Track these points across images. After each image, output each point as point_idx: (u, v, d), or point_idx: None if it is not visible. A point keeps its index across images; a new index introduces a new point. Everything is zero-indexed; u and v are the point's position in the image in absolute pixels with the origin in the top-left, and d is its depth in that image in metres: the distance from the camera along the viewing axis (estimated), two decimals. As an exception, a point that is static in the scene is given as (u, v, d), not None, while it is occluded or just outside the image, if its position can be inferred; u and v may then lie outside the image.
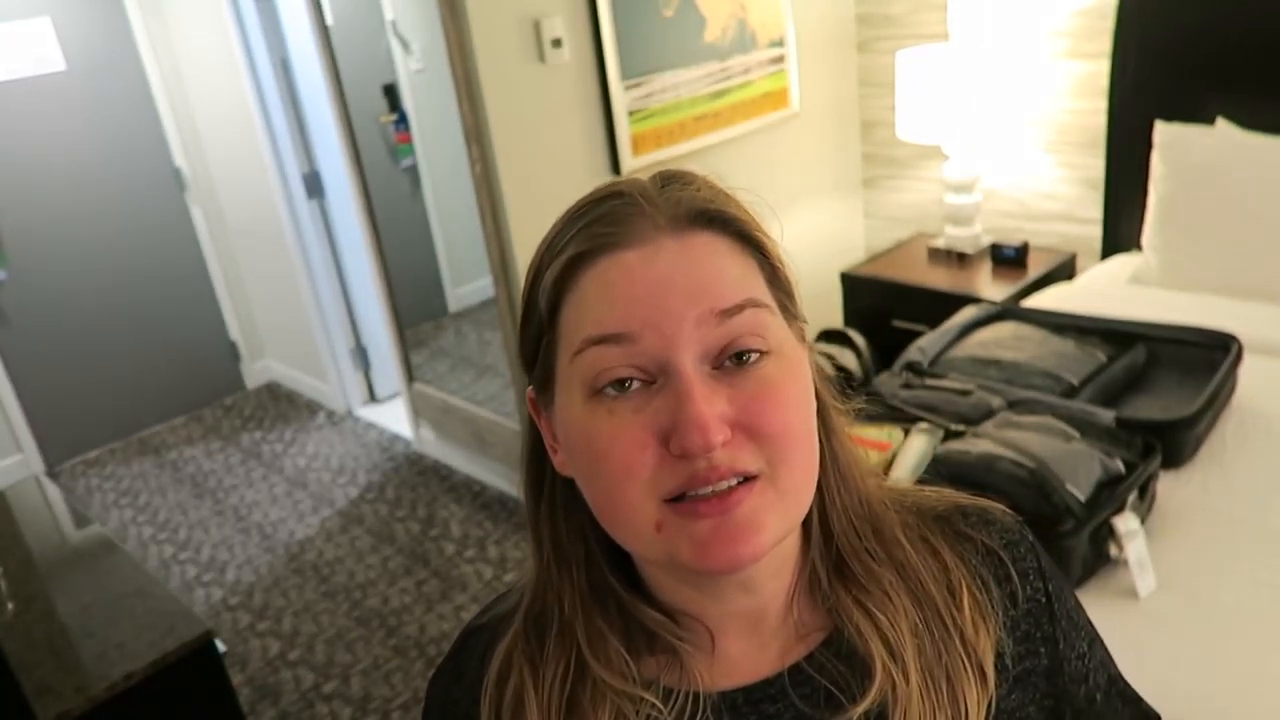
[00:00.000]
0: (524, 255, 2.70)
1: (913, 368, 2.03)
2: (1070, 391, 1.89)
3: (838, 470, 0.63)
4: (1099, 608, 1.42)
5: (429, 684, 0.72)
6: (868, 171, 3.59)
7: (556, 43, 2.60)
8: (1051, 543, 1.44)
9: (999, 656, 0.64)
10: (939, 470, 1.60)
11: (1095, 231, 2.95)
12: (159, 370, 4.28)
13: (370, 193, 3.48)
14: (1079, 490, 1.48)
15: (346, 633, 2.76)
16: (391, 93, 4.43)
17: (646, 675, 0.61)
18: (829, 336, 3.06)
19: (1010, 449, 1.55)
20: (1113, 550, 1.46)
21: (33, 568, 2.07)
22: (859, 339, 2.99)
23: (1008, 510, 0.70)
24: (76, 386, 4.06)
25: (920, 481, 1.61)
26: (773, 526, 0.55)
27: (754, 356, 0.55)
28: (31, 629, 1.82)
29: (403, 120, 4.49)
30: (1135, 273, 2.54)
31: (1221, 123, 2.44)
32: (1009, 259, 2.98)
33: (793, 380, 0.57)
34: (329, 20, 3.27)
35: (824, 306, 3.52)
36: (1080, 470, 1.52)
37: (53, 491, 2.47)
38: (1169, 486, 1.67)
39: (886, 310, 3.02)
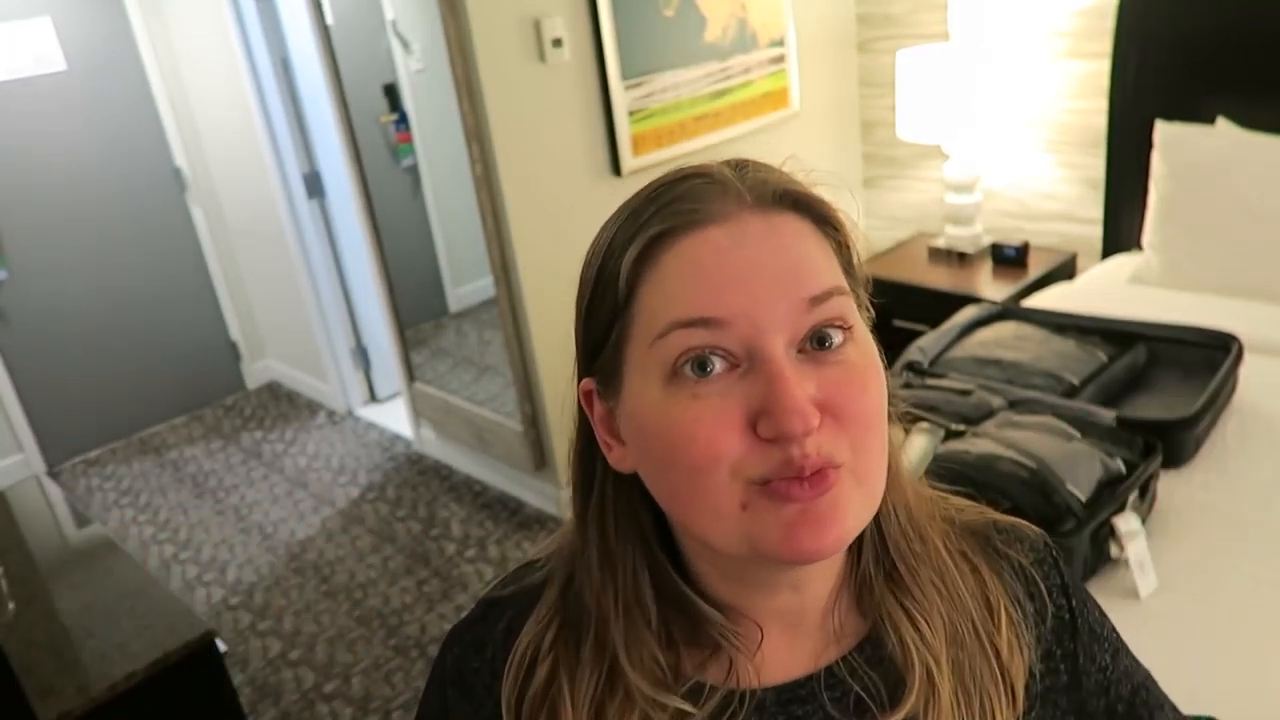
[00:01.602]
0: (524, 255, 2.70)
1: (913, 367, 2.03)
2: (1071, 391, 1.89)
3: (893, 471, 0.62)
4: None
5: (443, 645, 0.70)
6: (868, 171, 3.59)
7: (557, 42, 2.60)
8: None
9: (1030, 677, 0.64)
10: (939, 470, 1.60)
11: (1096, 231, 2.95)
12: (159, 370, 4.28)
13: (370, 192, 3.48)
14: (1080, 490, 1.48)
15: (347, 632, 2.76)
16: (392, 92, 4.43)
17: (685, 673, 0.61)
18: (829, 336, 3.05)
19: (1011, 449, 1.55)
20: (1113, 550, 1.46)
21: (33, 568, 2.07)
22: (859, 339, 2.98)
23: (1033, 526, 0.71)
24: (77, 386, 4.06)
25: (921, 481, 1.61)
26: (855, 515, 0.55)
27: (838, 339, 0.55)
28: (32, 629, 1.82)
29: (403, 120, 4.49)
30: (1136, 272, 2.54)
31: (1222, 122, 2.44)
32: (1009, 259, 2.98)
33: (871, 366, 0.57)
34: (329, 20, 3.26)
35: (824, 306, 3.52)
36: (1081, 470, 1.52)
37: (53, 491, 2.47)
38: (1170, 486, 1.67)
39: (887, 310, 3.00)
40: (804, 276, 0.54)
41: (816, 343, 0.54)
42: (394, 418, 4.02)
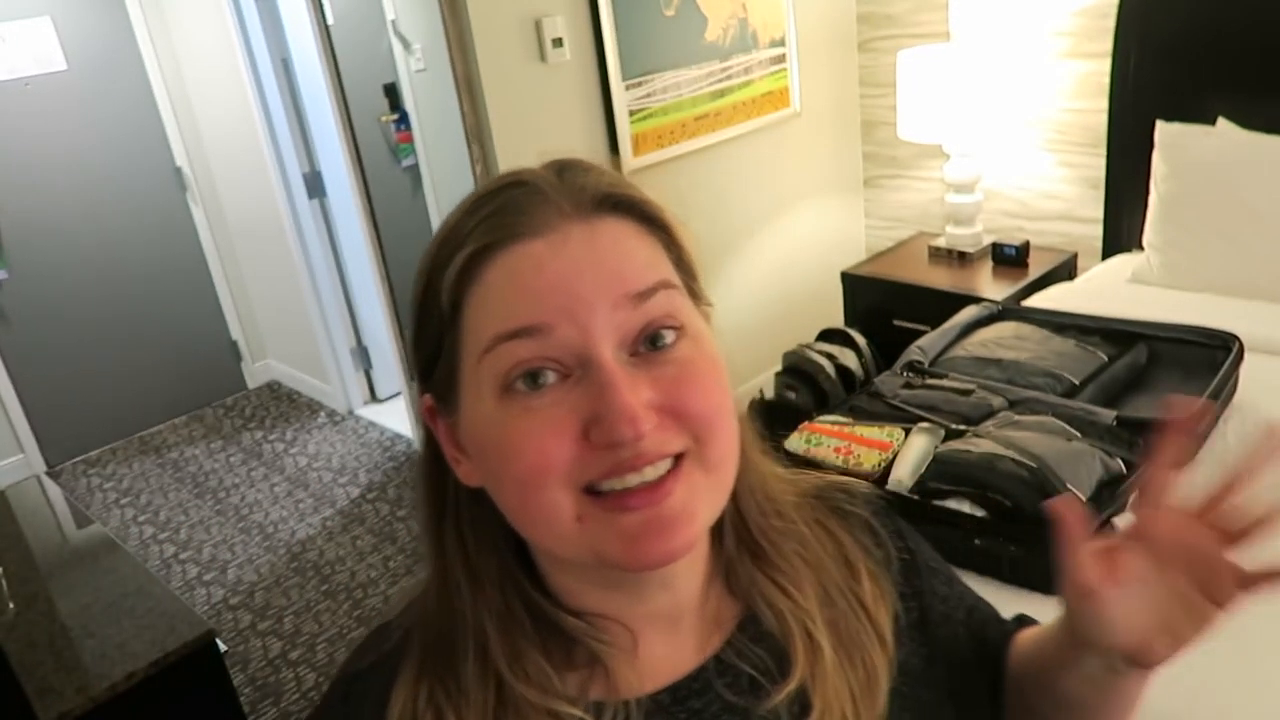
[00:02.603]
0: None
1: (913, 367, 2.03)
2: (1071, 391, 1.88)
3: (745, 454, 0.62)
4: (1100, 607, 1.42)
5: None
6: (868, 171, 3.59)
7: (557, 42, 2.60)
8: (1053, 542, 1.43)
9: (895, 620, 0.67)
10: (940, 470, 1.60)
11: (1096, 231, 2.95)
12: (160, 370, 4.29)
13: (371, 192, 3.48)
14: (1080, 490, 1.48)
15: (348, 632, 2.76)
16: (392, 92, 4.43)
17: (572, 691, 0.59)
18: (830, 336, 3.06)
19: (1011, 449, 1.55)
20: (1114, 550, 1.46)
21: (33, 567, 2.07)
22: (860, 339, 2.99)
23: (862, 482, 0.75)
24: (77, 386, 4.06)
25: (921, 480, 1.61)
26: (704, 512, 0.55)
27: (670, 338, 0.54)
28: (32, 629, 1.82)
29: (404, 119, 4.48)
30: (1136, 272, 2.54)
31: (1222, 122, 2.44)
32: (1010, 258, 2.98)
33: (708, 359, 0.56)
34: (330, 19, 3.27)
35: (825, 306, 3.52)
36: (1081, 470, 1.52)
37: (53, 491, 2.47)
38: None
39: (887, 310, 3.02)
40: (626, 275, 0.54)
41: (649, 343, 0.54)
42: (394, 418, 4.02)
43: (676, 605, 0.62)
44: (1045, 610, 1.46)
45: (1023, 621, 0.79)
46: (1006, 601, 1.45)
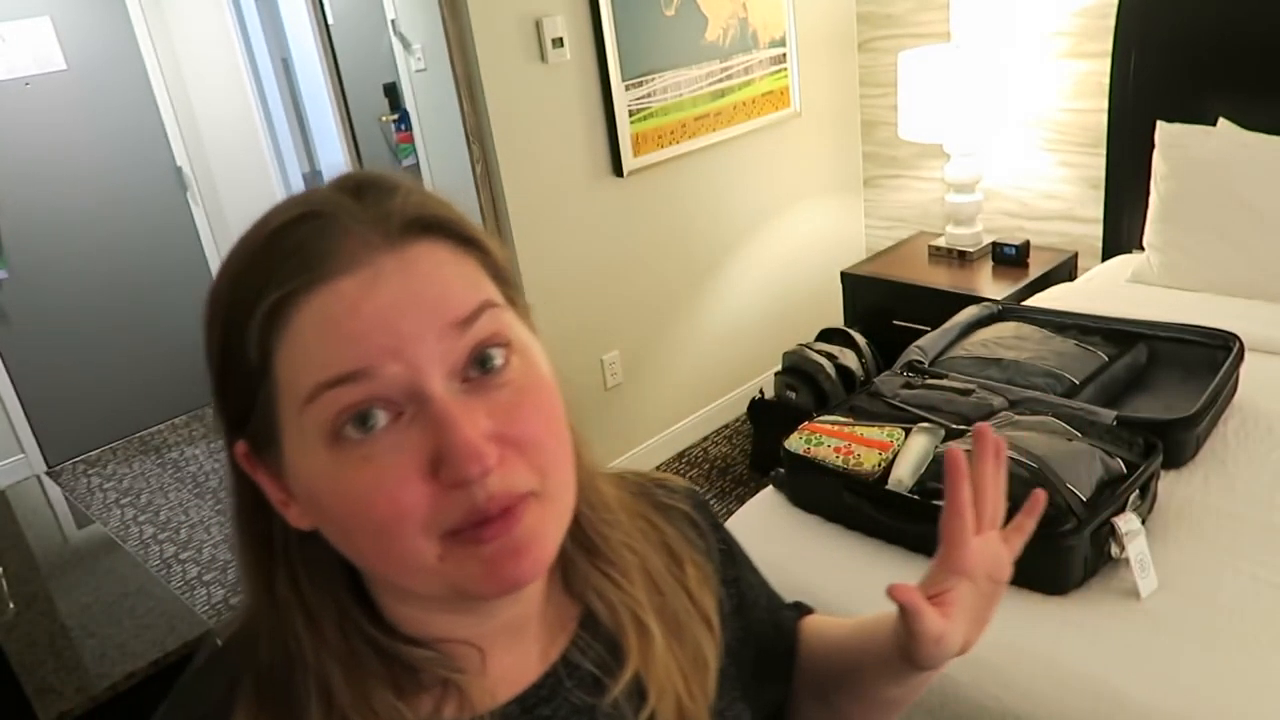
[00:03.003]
0: (525, 255, 2.70)
1: (914, 367, 2.03)
2: (1071, 391, 1.88)
3: (579, 461, 0.61)
4: (1100, 607, 1.42)
5: None
6: (868, 171, 3.59)
7: (558, 42, 2.60)
8: (1053, 542, 1.44)
9: (720, 605, 0.71)
10: (940, 470, 1.60)
11: (1096, 231, 2.95)
12: (160, 369, 4.28)
13: (371, 192, 3.48)
14: (1080, 490, 1.48)
15: (347, 632, 2.76)
16: (392, 92, 4.43)
17: (424, 713, 0.58)
18: (830, 336, 3.06)
19: (1012, 449, 1.55)
20: (1114, 550, 1.46)
21: (33, 567, 2.07)
22: (860, 339, 2.99)
23: (680, 479, 0.78)
24: (77, 386, 4.06)
25: (921, 480, 1.61)
26: (553, 534, 0.55)
27: (499, 358, 0.53)
28: (32, 629, 1.82)
29: (404, 119, 4.48)
30: (1136, 272, 2.54)
31: (1223, 122, 2.44)
32: (1010, 258, 2.98)
33: (539, 374, 0.56)
34: (330, 19, 3.27)
35: (825, 306, 3.52)
36: (1081, 470, 1.52)
37: (53, 491, 2.47)
38: (1170, 486, 1.67)
39: (887, 309, 3.02)
40: (448, 302, 0.51)
41: (479, 366, 0.52)
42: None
43: (523, 615, 0.62)
44: (1045, 610, 1.46)
45: (800, 608, 0.86)
46: (1006, 601, 1.45)
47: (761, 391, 3.16)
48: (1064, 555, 1.44)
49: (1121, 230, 2.81)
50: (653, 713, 0.63)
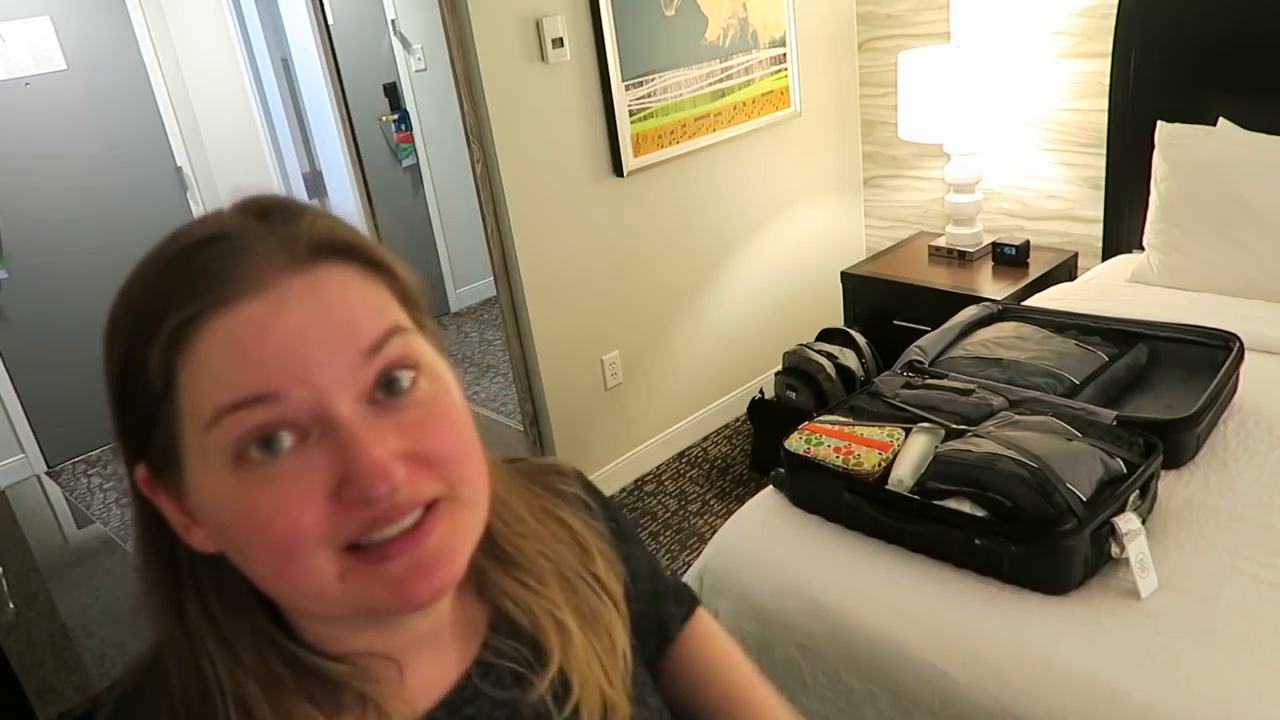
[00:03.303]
0: (525, 255, 2.70)
1: (914, 367, 2.03)
2: (1072, 391, 1.88)
3: (489, 473, 0.61)
4: (1100, 607, 1.42)
5: None
6: (868, 171, 3.59)
7: (558, 42, 2.60)
8: (1053, 542, 1.44)
9: (624, 585, 0.73)
10: (940, 470, 1.60)
11: (1096, 231, 2.95)
12: (160, 370, 4.28)
13: (372, 192, 3.48)
14: (1080, 490, 1.48)
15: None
16: (393, 92, 4.44)
17: None
18: (830, 336, 3.06)
19: (1012, 448, 1.55)
20: (1114, 550, 1.46)
21: (34, 567, 2.07)
22: (860, 339, 2.99)
23: (561, 462, 0.80)
24: (77, 386, 4.06)
25: (922, 480, 1.61)
26: (464, 547, 0.55)
27: (407, 380, 0.53)
28: (32, 629, 1.82)
29: (404, 119, 4.49)
30: (1136, 272, 2.54)
31: (1223, 122, 2.44)
32: (1010, 258, 2.98)
33: (447, 393, 0.55)
34: (330, 19, 3.27)
35: (825, 306, 3.53)
36: (1082, 470, 1.52)
37: (53, 491, 2.47)
38: (1170, 486, 1.67)
39: (888, 309, 3.02)
40: (356, 328, 0.51)
41: (386, 388, 0.52)
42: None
43: (436, 625, 0.62)
44: (1045, 610, 1.46)
45: (686, 598, 0.87)
46: (1006, 601, 1.46)
47: (761, 391, 3.16)
48: (1064, 555, 1.44)
49: (1121, 230, 2.81)
50: (577, 704, 0.65)
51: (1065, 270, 2.99)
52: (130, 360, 0.51)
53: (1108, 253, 2.86)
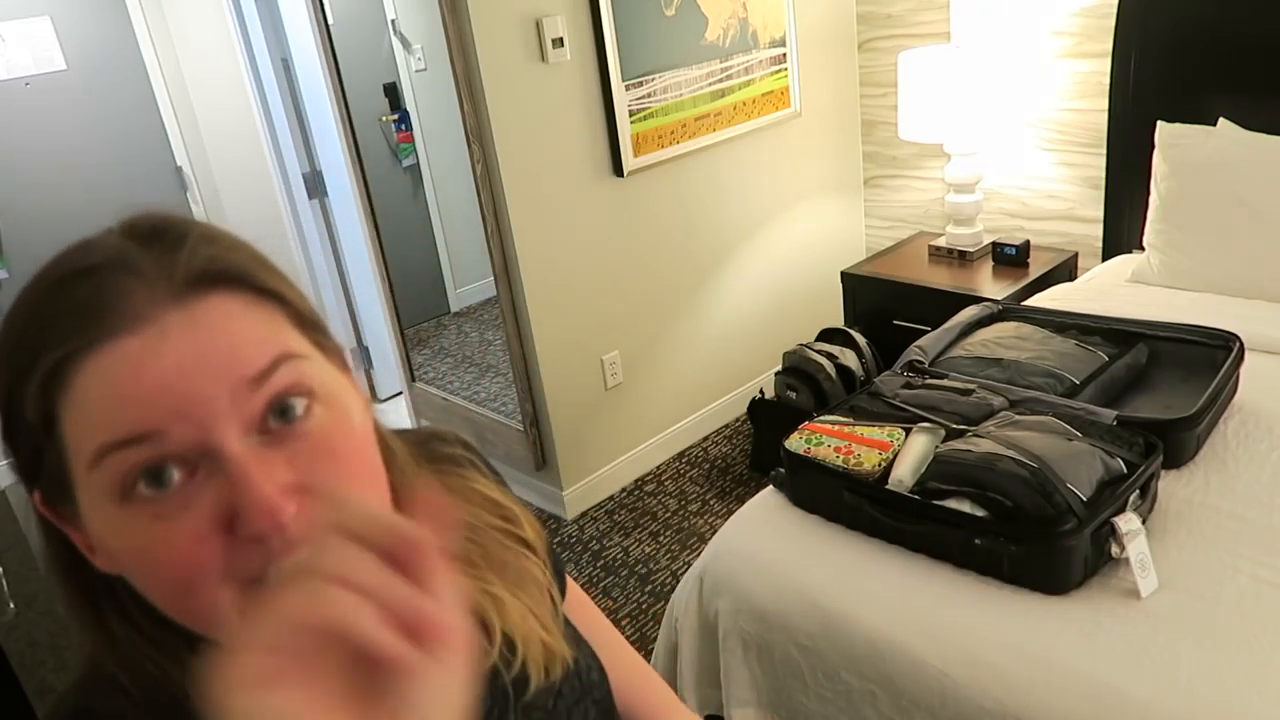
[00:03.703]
0: (525, 255, 2.70)
1: (914, 367, 2.03)
2: (1072, 391, 1.88)
3: (396, 479, 0.60)
4: (1100, 607, 1.42)
5: None
6: (868, 171, 3.59)
7: (558, 42, 2.60)
8: (1053, 542, 1.44)
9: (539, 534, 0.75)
10: (940, 470, 1.60)
11: (1096, 231, 2.95)
12: (160, 370, 4.28)
13: (372, 192, 3.48)
14: (1080, 489, 1.48)
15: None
16: (393, 92, 4.44)
17: None
18: (830, 336, 3.06)
19: (1012, 448, 1.55)
20: (1114, 550, 1.46)
21: (33, 568, 2.07)
22: (860, 339, 2.99)
23: (444, 428, 0.81)
24: (78, 386, 4.06)
25: (922, 480, 1.61)
26: None
27: (300, 407, 0.51)
28: (32, 629, 1.82)
29: (404, 119, 4.49)
30: (1136, 272, 2.54)
31: (1223, 122, 2.44)
32: (1010, 258, 2.98)
33: (346, 419, 0.53)
34: (330, 19, 3.27)
35: (825, 306, 3.53)
36: (1082, 469, 1.52)
37: (54, 491, 2.47)
38: (1170, 486, 1.67)
39: (888, 309, 3.02)
40: (241, 359, 0.49)
41: (279, 416, 0.50)
42: (395, 418, 4.01)
43: None
44: (1045, 610, 1.46)
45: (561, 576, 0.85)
46: (1006, 601, 1.46)
47: (761, 391, 3.16)
48: (1064, 555, 1.44)
49: (1121, 230, 2.81)
50: (524, 659, 0.67)
51: (1065, 270, 2.99)
52: (10, 399, 0.50)
53: (1108, 253, 2.86)
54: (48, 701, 0.60)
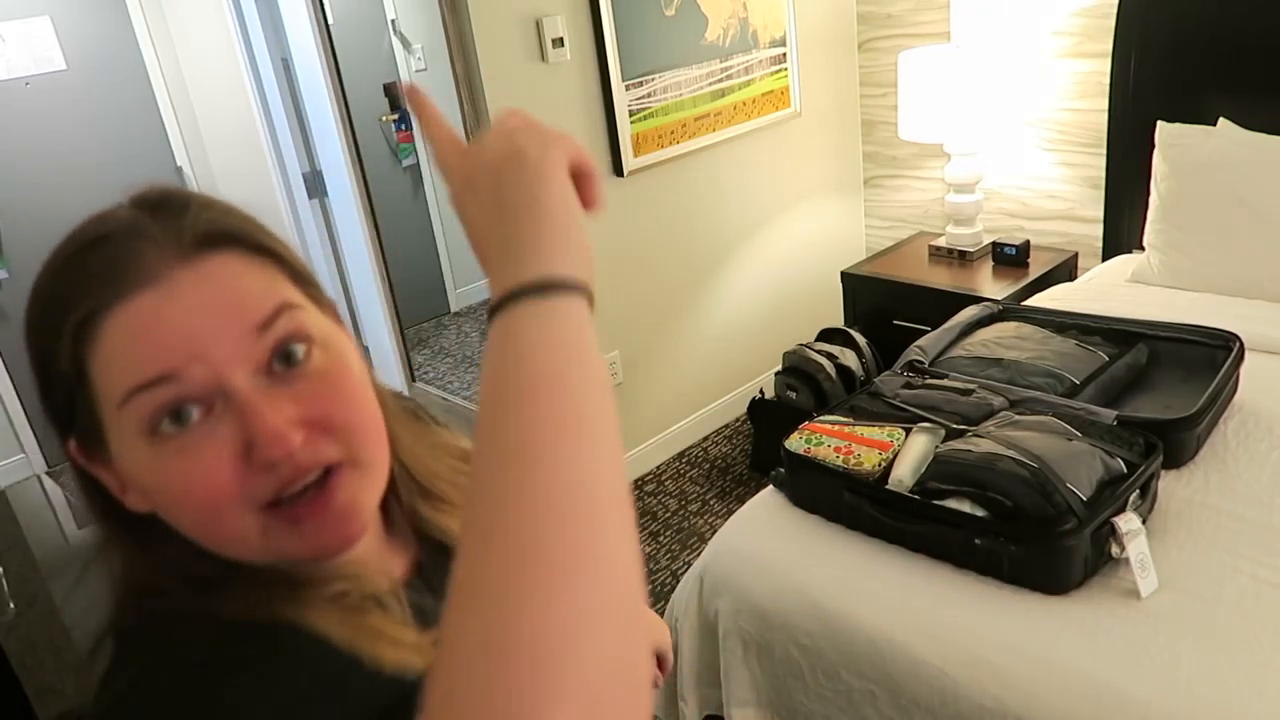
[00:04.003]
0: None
1: (914, 367, 2.03)
2: (1072, 391, 1.88)
3: (390, 431, 0.65)
4: (1100, 607, 1.42)
5: None
6: (868, 171, 3.59)
7: (558, 42, 2.60)
8: (1053, 542, 1.44)
9: None
10: (940, 470, 1.60)
11: (1096, 230, 2.95)
12: (160, 370, 4.28)
13: (372, 192, 3.48)
14: (1080, 490, 1.48)
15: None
16: (393, 92, 4.44)
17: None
18: (830, 336, 3.06)
19: (1012, 448, 1.55)
20: (1114, 550, 1.46)
21: (34, 567, 2.07)
22: (860, 339, 2.99)
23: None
24: (78, 386, 4.06)
25: (922, 480, 1.61)
26: (367, 501, 0.60)
27: (301, 352, 0.57)
28: (32, 629, 1.82)
29: (404, 119, 4.49)
30: (1136, 272, 2.54)
31: (1223, 122, 2.44)
32: (1010, 258, 2.98)
33: (344, 364, 0.60)
34: (330, 19, 3.27)
35: (825, 306, 3.53)
36: (1082, 470, 1.52)
37: (53, 491, 2.47)
38: (1170, 486, 1.67)
39: (888, 309, 3.02)
40: (245, 309, 0.56)
41: (283, 361, 0.57)
42: (394, 417, 4.01)
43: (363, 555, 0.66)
44: (1045, 610, 1.46)
45: None
46: (1006, 601, 1.46)
47: (761, 391, 3.16)
48: (1064, 555, 1.44)
49: (1121, 230, 2.81)
50: None
51: (1065, 270, 2.99)
52: (44, 353, 0.57)
53: (1108, 253, 2.86)
54: (102, 621, 0.68)
